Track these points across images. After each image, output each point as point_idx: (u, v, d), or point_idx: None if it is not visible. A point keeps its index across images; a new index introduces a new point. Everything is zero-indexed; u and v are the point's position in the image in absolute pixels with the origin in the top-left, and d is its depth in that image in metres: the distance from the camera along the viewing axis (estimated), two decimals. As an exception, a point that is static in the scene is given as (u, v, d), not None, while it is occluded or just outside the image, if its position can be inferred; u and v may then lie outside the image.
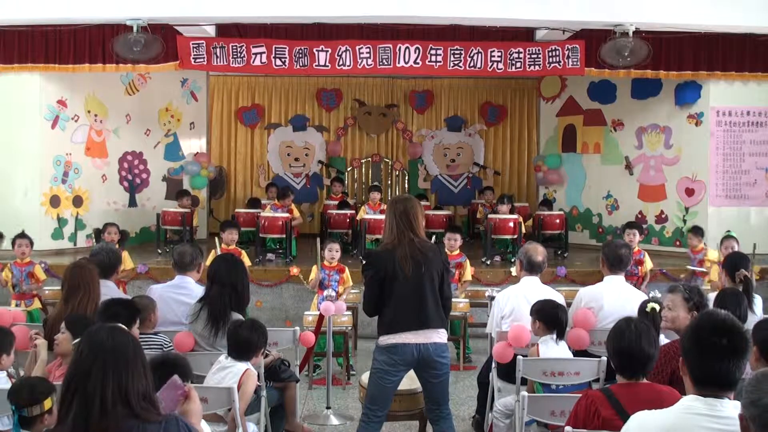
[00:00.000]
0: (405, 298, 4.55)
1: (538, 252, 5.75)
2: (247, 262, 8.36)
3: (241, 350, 4.62)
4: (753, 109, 11.18)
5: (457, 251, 8.47)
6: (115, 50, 9.80)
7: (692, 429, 2.72)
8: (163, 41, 9.97)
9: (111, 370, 2.54)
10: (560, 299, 5.38)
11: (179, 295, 5.61)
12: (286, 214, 10.83)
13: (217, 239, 8.80)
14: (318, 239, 7.96)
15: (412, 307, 4.56)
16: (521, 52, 10.35)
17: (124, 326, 3.06)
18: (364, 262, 4.87)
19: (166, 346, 4.98)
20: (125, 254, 8.21)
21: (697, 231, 9.39)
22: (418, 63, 10.34)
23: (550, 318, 5.03)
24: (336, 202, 12.31)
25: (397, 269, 4.54)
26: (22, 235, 8.28)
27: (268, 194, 13.04)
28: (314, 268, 7.93)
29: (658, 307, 4.73)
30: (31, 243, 8.31)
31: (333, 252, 7.92)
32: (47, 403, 3.47)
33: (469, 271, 8.56)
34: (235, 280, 5.13)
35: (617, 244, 5.99)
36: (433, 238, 7.02)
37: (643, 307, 4.80)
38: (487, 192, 13.19)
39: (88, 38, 10.37)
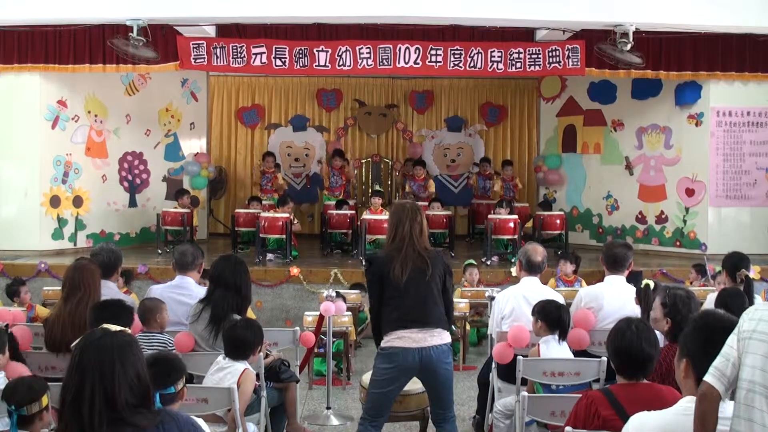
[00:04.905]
0: (409, 298, 4.56)
1: (538, 252, 5.74)
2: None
3: (237, 350, 4.62)
4: (753, 109, 11.18)
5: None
6: (114, 43, 9.77)
7: (691, 430, 2.73)
8: (155, 49, 9.98)
9: (98, 380, 2.54)
10: (560, 299, 5.37)
11: (179, 295, 5.57)
12: (286, 214, 10.82)
13: None
14: None
15: (416, 306, 4.56)
16: (521, 53, 10.33)
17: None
18: (365, 266, 4.90)
19: (169, 345, 4.96)
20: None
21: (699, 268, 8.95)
22: (418, 63, 10.32)
23: (552, 318, 5.01)
24: (334, 202, 12.29)
25: (396, 273, 4.55)
26: (21, 282, 7.95)
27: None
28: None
29: (652, 285, 4.77)
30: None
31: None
32: (44, 400, 3.48)
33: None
34: (239, 282, 5.10)
35: (614, 243, 5.99)
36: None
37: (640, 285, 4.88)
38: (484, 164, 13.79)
39: (88, 38, 10.37)
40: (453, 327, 5.05)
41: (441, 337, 4.61)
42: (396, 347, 4.54)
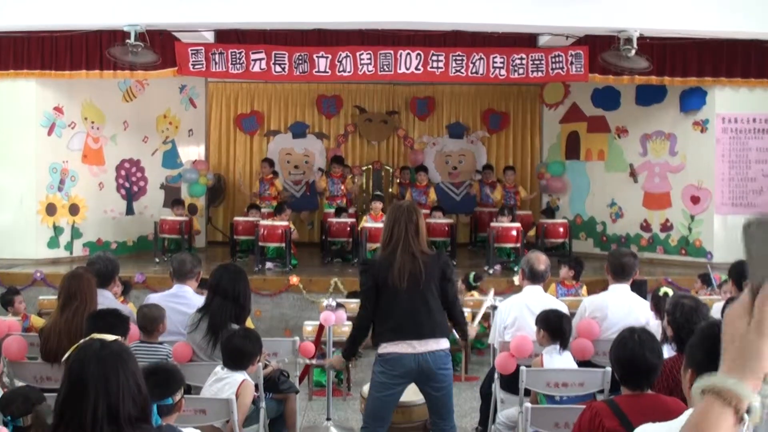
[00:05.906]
0: (403, 307, 4.50)
1: (541, 261, 5.68)
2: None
3: (235, 360, 4.55)
4: (759, 115, 11.07)
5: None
6: (112, 53, 9.71)
7: None
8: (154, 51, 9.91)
9: (102, 392, 2.45)
10: (563, 308, 5.32)
11: (177, 304, 5.52)
12: (285, 222, 10.74)
13: None
14: None
15: (410, 316, 4.50)
16: (524, 58, 10.24)
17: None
18: (360, 269, 4.81)
19: (169, 358, 4.89)
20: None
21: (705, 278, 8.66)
22: (419, 69, 10.23)
23: (554, 327, 4.96)
24: (334, 210, 12.24)
25: (394, 279, 4.48)
26: (16, 291, 7.79)
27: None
28: None
29: (670, 293, 4.72)
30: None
31: None
32: None
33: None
34: (238, 291, 5.04)
35: (621, 252, 5.96)
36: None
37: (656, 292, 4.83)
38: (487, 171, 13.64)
39: (85, 44, 10.28)
40: (463, 329, 4.94)
41: (438, 344, 4.56)
42: (393, 352, 4.51)
